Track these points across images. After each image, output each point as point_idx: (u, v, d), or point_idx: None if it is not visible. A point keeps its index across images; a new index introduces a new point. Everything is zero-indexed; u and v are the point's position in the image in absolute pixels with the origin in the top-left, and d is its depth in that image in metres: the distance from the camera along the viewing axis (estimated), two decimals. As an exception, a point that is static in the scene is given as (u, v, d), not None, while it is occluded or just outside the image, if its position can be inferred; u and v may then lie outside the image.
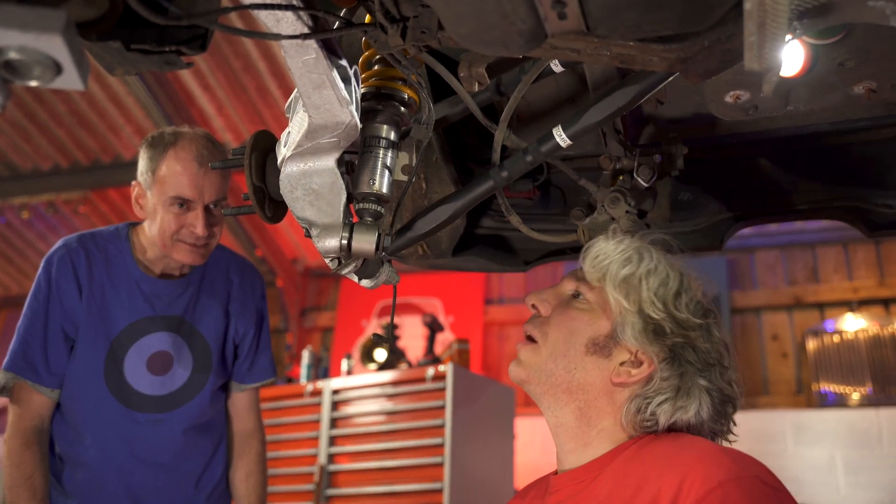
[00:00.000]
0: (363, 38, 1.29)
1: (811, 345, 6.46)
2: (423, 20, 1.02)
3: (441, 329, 5.51)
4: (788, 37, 0.80)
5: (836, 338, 6.39)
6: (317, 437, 4.79)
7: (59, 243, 2.19)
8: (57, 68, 0.78)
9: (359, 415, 4.74)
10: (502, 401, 4.88)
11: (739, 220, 1.92)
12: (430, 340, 5.38)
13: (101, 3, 0.95)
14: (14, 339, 2.10)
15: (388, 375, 4.74)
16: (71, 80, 0.80)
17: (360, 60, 1.31)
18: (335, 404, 4.84)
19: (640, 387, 1.23)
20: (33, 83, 0.80)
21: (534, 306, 1.36)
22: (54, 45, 0.75)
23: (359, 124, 1.14)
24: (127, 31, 1.03)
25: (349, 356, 5.68)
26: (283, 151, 1.20)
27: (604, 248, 1.32)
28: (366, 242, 1.22)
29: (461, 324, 7.45)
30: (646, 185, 1.61)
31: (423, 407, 4.45)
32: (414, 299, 7.61)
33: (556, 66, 1.43)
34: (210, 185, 2.11)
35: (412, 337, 6.68)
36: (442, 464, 4.24)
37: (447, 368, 4.42)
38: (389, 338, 5.31)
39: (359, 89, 1.19)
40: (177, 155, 2.10)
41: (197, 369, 2.24)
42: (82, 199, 7.19)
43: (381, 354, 5.33)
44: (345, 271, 1.31)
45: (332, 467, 4.67)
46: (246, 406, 2.39)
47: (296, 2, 0.98)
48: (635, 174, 1.61)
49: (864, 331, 6.33)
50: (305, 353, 5.60)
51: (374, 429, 4.62)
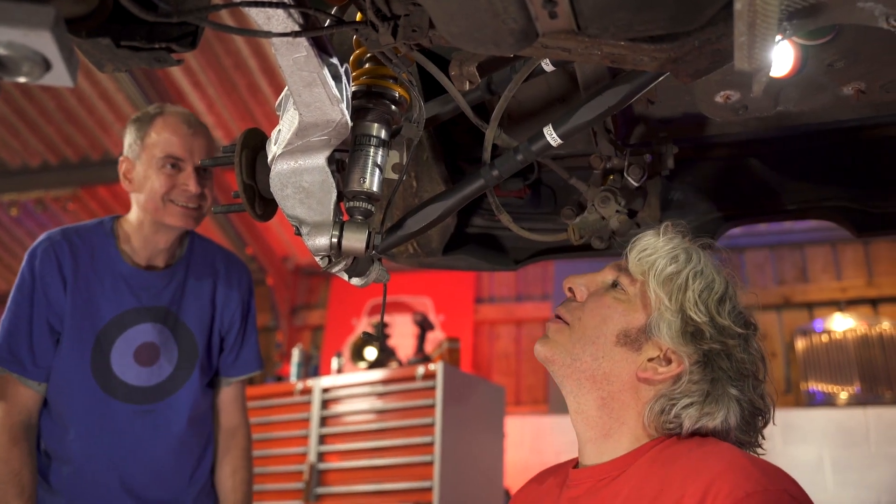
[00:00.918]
0: (354, 37, 1.29)
1: (800, 344, 6.50)
2: (415, 19, 1.02)
3: (431, 328, 5.51)
4: (778, 37, 0.80)
5: (825, 337, 6.44)
6: (306, 436, 4.78)
7: (42, 237, 2.18)
8: (46, 65, 0.78)
9: (349, 413, 4.74)
10: (492, 400, 4.88)
11: (729, 220, 1.93)
12: (421, 339, 5.38)
13: (91, 0, 0.95)
14: None
15: (378, 374, 4.73)
16: (60, 77, 0.80)
17: (351, 58, 1.31)
18: (325, 403, 4.83)
19: (667, 387, 1.20)
20: (22, 79, 0.79)
21: (570, 290, 1.34)
22: (43, 42, 0.75)
23: (349, 122, 1.14)
24: (117, 27, 1.03)
25: (339, 354, 5.68)
26: (274, 149, 1.19)
27: (652, 243, 1.29)
28: (356, 241, 1.22)
29: (451, 323, 7.46)
30: (636, 184, 1.61)
31: (413, 405, 4.45)
32: (404, 298, 7.61)
33: (547, 66, 1.43)
34: (199, 145, 2.18)
35: (402, 335, 6.68)
36: (432, 462, 4.24)
37: (437, 367, 4.41)
38: (380, 336, 5.30)
39: (350, 87, 1.18)
40: (165, 121, 2.19)
41: (183, 360, 2.23)
42: (71, 196, 7.17)
43: (371, 353, 5.33)
44: (335, 269, 1.30)
45: (321, 466, 4.67)
46: (231, 400, 2.38)
47: (287, -1, 0.98)
48: (626, 173, 1.61)
49: (852, 330, 6.37)
50: (295, 351, 5.59)
51: (363, 427, 4.62)
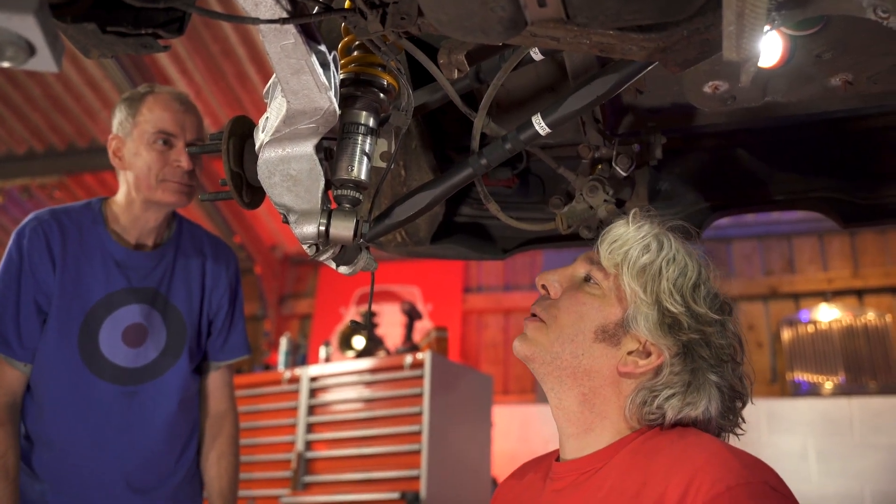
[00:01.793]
0: (342, 24, 1.29)
1: (786, 335, 6.55)
2: (403, 6, 1.02)
3: (419, 317, 5.52)
4: (767, 27, 0.80)
5: (811, 328, 6.49)
6: (294, 425, 4.78)
7: (30, 216, 2.15)
8: (30, 49, 0.77)
9: (336, 402, 4.74)
10: (480, 389, 4.89)
11: (716, 210, 1.94)
12: (409, 328, 5.38)
13: (76, -16, 0.94)
14: None
15: (366, 363, 4.74)
16: (44, 62, 0.79)
17: (340, 46, 1.30)
18: (313, 391, 4.84)
19: (648, 379, 1.19)
20: (6, 64, 0.79)
21: (543, 287, 1.32)
22: (27, 26, 0.74)
23: (337, 110, 1.13)
24: (103, 12, 1.02)
25: (327, 343, 5.68)
26: (261, 137, 1.19)
27: (622, 233, 1.27)
28: (344, 229, 1.22)
29: (439, 312, 7.47)
30: (624, 174, 1.61)
31: (401, 394, 4.46)
32: (392, 287, 7.61)
33: (536, 54, 1.43)
34: (191, 122, 2.19)
35: (390, 325, 6.69)
36: (420, 451, 4.25)
37: (425, 356, 4.42)
38: (368, 325, 5.30)
39: (338, 75, 1.18)
40: (156, 98, 2.18)
41: (171, 342, 2.22)
42: (58, 183, 7.12)
43: (359, 342, 5.33)
44: (323, 258, 1.30)
45: (309, 454, 4.67)
46: (220, 385, 2.37)
47: (274, -15, 0.97)
48: (614, 163, 1.61)
49: (837, 321, 6.42)
50: (283, 340, 5.59)
51: (351, 416, 4.62)
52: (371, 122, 1.26)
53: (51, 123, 6.73)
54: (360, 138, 1.25)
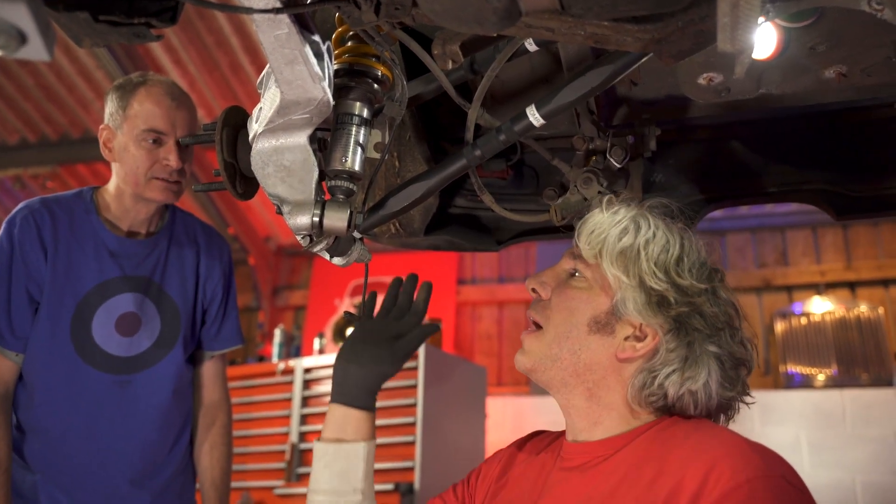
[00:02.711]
0: (337, 14, 1.28)
1: (779, 327, 6.57)
2: (398, -4, 1.01)
3: (414, 308, 5.50)
4: (761, 19, 0.80)
5: (804, 320, 6.50)
6: (288, 416, 4.79)
7: (20, 205, 2.14)
8: (21, 38, 0.76)
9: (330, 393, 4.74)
10: (474, 380, 4.90)
11: (710, 202, 1.94)
12: (403, 320, 5.37)
13: (68, -27, 0.94)
14: None
15: (360, 354, 4.73)
16: (36, 51, 0.78)
17: (334, 36, 1.30)
18: (307, 383, 4.84)
19: (646, 360, 1.19)
20: (-3, 53, 0.78)
21: (534, 290, 1.32)
22: (18, 14, 0.74)
23: (331, 101, 1.13)
24: (95, 1, 1.01)
25: (321, 335, 5.68)
26: (255, 127, 1.19)
27: (598, 222, 1.27)
28: (338, 220, 1.22)
29: (433, 303, 7.38)
30: (618, 165, 1.61)
31: (394, 386, 4.46)
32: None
33: (531, 45, 1.42)
34: (182, 118, 2.14)
35: (385, 316, 6.67)
36: (414, 442, 4.26)
37: (419, 348, 4.42)
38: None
39: (332, 65, 1.17)
40: (148, 91, 2.13)
41: (165, 331, 2.21)
42: (50, 173, 7.09)
43: (353, 333, 5.32)
44: (316, 249, 1.30)
45: (303, 445, 4.67)
46: (213, 375, 2.37)
47: (268, -25, 0.96)
48: (608, 155, 1.61)
49: (830, 313, 6.44)
50: (277, 331, 5.59)
51: (345, 407, 4.62)
52: (365, 113, 1.26)
53: (43, 113, 6.69)
54: (354, 129, 1.25)
